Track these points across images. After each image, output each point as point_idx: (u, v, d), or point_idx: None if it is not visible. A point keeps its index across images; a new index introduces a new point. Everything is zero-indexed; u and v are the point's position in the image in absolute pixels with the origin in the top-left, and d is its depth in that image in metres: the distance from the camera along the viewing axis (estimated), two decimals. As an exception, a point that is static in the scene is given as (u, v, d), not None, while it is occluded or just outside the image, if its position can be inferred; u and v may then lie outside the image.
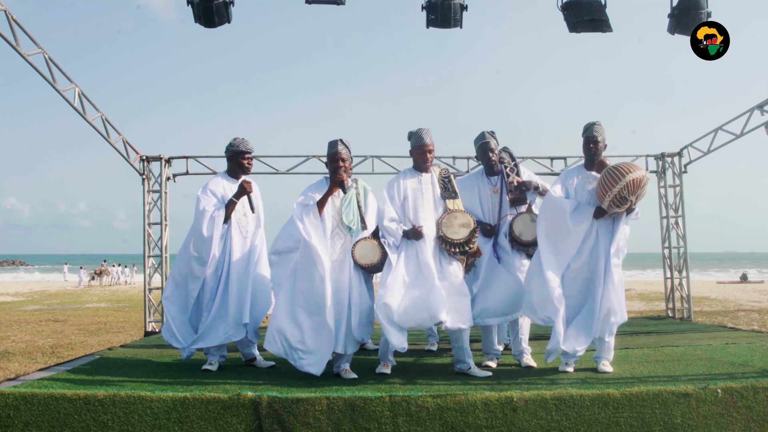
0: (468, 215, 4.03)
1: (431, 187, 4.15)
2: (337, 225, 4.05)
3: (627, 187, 3.83)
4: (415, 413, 3.22)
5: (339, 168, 4.05)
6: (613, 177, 3.86)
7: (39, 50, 5.59)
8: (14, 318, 12.75)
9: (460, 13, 5.33)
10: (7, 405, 3.28)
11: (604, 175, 3.94)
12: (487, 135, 4.47)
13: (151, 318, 7.56)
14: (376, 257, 3.96)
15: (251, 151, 4.56)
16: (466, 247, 3.96)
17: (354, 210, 4.08)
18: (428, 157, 4.14)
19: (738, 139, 7.28)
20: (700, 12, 5.18)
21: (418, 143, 4.13)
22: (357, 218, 4.08)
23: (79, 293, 22.41)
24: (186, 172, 7.62)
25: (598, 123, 4.20)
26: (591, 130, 4.18)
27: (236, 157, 4.52)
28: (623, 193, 3.84)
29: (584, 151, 4.24)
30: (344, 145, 4.11)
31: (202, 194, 4.40)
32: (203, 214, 4.33)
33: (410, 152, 4.21)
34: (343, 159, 4.07)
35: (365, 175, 7.71)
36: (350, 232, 4.05)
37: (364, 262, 3.96)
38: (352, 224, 4.05)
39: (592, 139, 4.16)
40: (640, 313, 11.53)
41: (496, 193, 4.50)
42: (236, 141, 4.52)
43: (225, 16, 5.21)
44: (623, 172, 3.85)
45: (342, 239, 4.04)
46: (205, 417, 3.24)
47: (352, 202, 4.10)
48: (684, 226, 8.18)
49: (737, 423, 3.31)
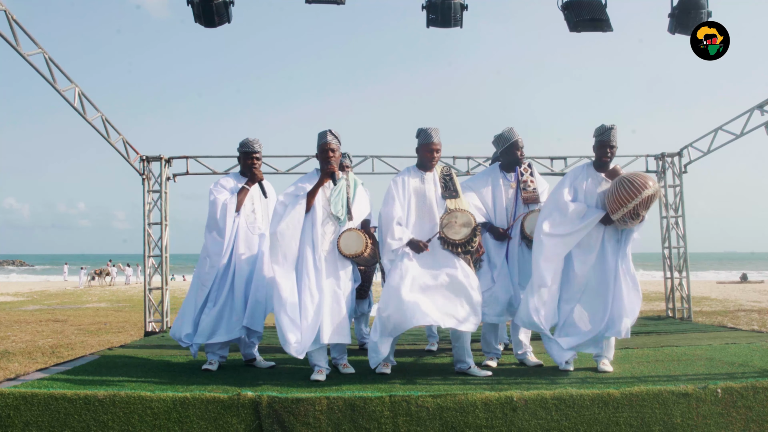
0: (469, 214, 4.01)
1: (433, 187, 4.14)
2: (328, 215, 4.08)
3: (642, 203, 3.81)
4: (415, 413, 3.22)
5: (329, 158, 4.05)
6: (628, 192, 3.81)
7: (39, 50, 5.59)
8: (14, 318, 12.75)
9: (460, 12, 5.33)
10: (7, 405, 3.28)
11: (618, 187, 3.88)
12: (514, 132, 4.55)
13: (151, 318, 7.56)
14: (360, 247, 3.96)
15: (256, 152, 4.56)
16: (468, 247, 3.95)
17: (342, 201, 4.11)
18: (435, 156, 4.13)
19: (738, 139, 7.28)
20: (700, 12, 5.19)
21: (426, 141, 4.11)
22: (345, 209, 4.10)
23: (79, 293, 22.41)
24: (186, 172, 7.63)
25: (614, 127, 4.10)
26: (608, 134, 4.08)
27: (243, 158, 4.53)
28: (638, 210, 3.83)
29: (597, 154, 4.15)
30: (333, 135, 4.11)
31: (213, 188, 4.45)
32: (215, 202, 4.37)
33: (417, 149, 4.19)
34: (333, 149, 4.07)
35: (365, 175, 7.72)
36: (339, 222, 4.08)
37: (348, 252, 3.97)
38: (339, 214, 4.07)
39: (609, 143, 4.08)
40: (640, 313, 11.53)
41: (513, 189, 4.53)
42: (244, 141, 4.53)
43: (225, 16, 5.22)
44: (639, 187, 3.79)
45: (332, 228, 4.07)
46: (205, 417, 3.24)
47: (342, 193, 4.12)
48: (684, 226, 8.18)
49: (737, 423, 3.31)
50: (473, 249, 3.99)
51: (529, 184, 4.51)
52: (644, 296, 15.96)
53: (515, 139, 4.52)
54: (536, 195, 4.50)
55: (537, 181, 4.57)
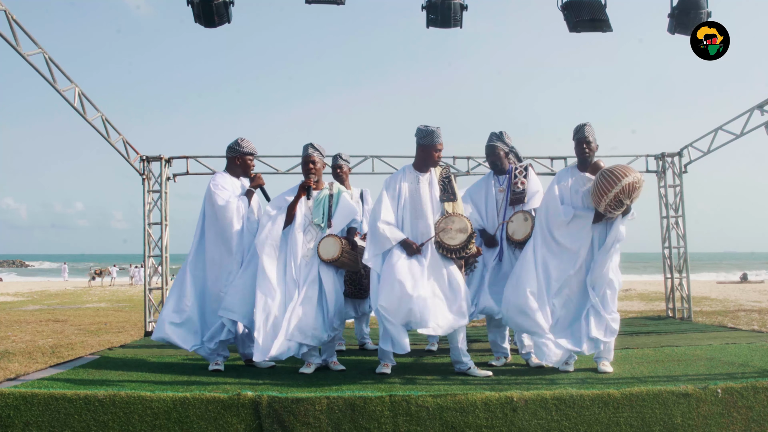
0: (465, 219, 4.00)
1: (429, 188, 4.12)
2: (310, 223, 4.27)
3: (623, 191, 3.81)
4: (415, 413, 3.22)
5: (309, 171, 4.32)
6: (608, 181, 3.84)
7: (39, 50, 5.58)
8: (14, 318, 12.75)
9: (460, 13, 5.33)
10: (7, 405, 3.28)
11: (599, 178, 3.91)
12: (494, 137, 4.54)
13: (151, 318, 7.56)
14: (336, 252, 4.13)
15: (255, 153, 4.56)
16: (463, 252, 3.96)
17: (324, 209, 4.30)
18: (435, 157, 4.12)
19: (738, 139, 7.28)
20: (700, 12, 5.18)
21: (432, 142, 4.09)
22: (325, 218, 4.28)
23: (80, 293, 22.41)
24: (186, 172, 7.62)
25: (588, 124, 4.18)
26: (582, 131, 4.15)
27: (240, 159, 4.51)
28: (620, 197, 3.83)
29: (577, 153, 4.22)
30: (315, 148, 4.35)
31: (216, 190, 4.36)
32: (227, 206, 4.32)
33: (418, 148, 4.16)
34: (314, 162, 4.32)
35: (365, 175, 7.72)
36: (320, 230, 4.28)
37: (326, 257, 4.15)
38: (320, 222, 4.27)
39: (585, 140, 4.14)
40: (640, 313, 11.53)
41: (503, 192, 4.52)
42: (243, 142, 4.51)
43: (225, 16, 5.22)
44: (619, 176, 3.82)
45: (313, 236, 4.26)
46: (205, 417, 3.24)
47: (322, 203, 4.31)
48: (684, 226, 8.18)
49: (737, 423, 3.31)
50: (468, 254, 3.99)
51: (519, 185, 4.49)
52: (644, 296, 15.84)
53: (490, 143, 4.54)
54: (521, 196, 4.46)
55: (530, 182, 4.53)
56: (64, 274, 36.21)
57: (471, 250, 3.98)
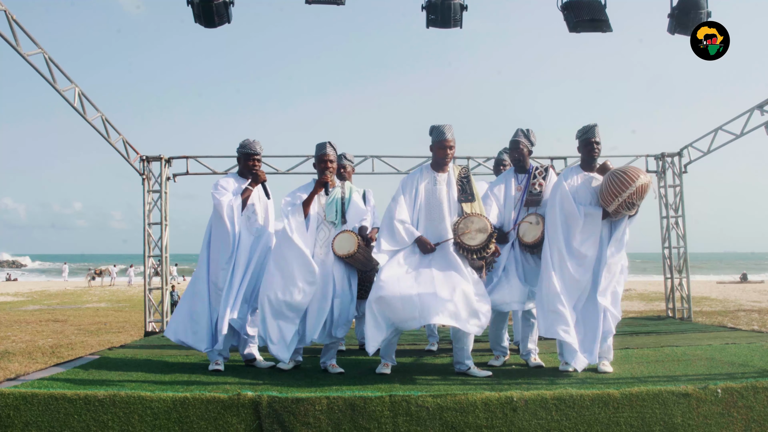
0: (484, 219, 3.96)
1: (446, 188, 4.10)
2: (322, 221, 4.29)
3: (636, 192, 3.86)
4: (415, 413, 3.22)
5: (326, 169, 4.31)
6: (621, 182, 3.86)
7: (39, 50, 5.59)
8: (14, 318, 12.76)
9: (460, 13, 5.33)
10: (7, 405, 3.28)
11: (610, 179, 3.92)
12: (520, 133, 4.52)
13: (151, 318, 7.56)
14: (352, 247, 4.12)
15: (258, 153, 4.55)
16: (484, 252, 3.91)
17: (337, 207, 4.32)
18: (448, 153, 4.09)
19: (738, 139, 7.29)
20: (700, 12, 5.19)
21: (439, 138, 4.07)
22: (339, 215, 4.31)
23: (80, 293, 22.41)
24: (186, 172, 7.63)
25: (596, 125, 4.19)
26: (593, 132, 4.16)
27: (244, 159, 4.52)
28: (633, 199, 3.87)
29: (584, 153, 4.21)
30: (332, 147, 4.35)
31: (215, 191, 4.41)
32: (221, 205, 4.35)
33: (430, 147, 4.16)
34: (331, 161, 4.32)
35: (365, 175, 7.73)
36: (334, 226, 4.29)
37: (341, 253, 4.14)
38: (334, 219, 4.29)
39: (594, 140, 4.15)
40: (640, 313, 11.54)
41: (520, 191, 4.49)
42: (245, 142, 4.52)
43: (225, 16, 5.22)
44: (631, 177, 3.86)
45: (326, 234, 4.27)
46: (205, 417, 3.24)
47: (335, 201, 4.32)
48: (684, 226, 8.19)
49: (737, 423, 3.31)
50: (488, 254, 3.97)
51: (536, 187, 4.43)
52: (644, 296, 15.86)
53: (515, 138, 4.50)
54: (538, 198, 4.40)
55: (549, 184, 4.42)
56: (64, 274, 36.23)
57: (491, 249, 3.95)
